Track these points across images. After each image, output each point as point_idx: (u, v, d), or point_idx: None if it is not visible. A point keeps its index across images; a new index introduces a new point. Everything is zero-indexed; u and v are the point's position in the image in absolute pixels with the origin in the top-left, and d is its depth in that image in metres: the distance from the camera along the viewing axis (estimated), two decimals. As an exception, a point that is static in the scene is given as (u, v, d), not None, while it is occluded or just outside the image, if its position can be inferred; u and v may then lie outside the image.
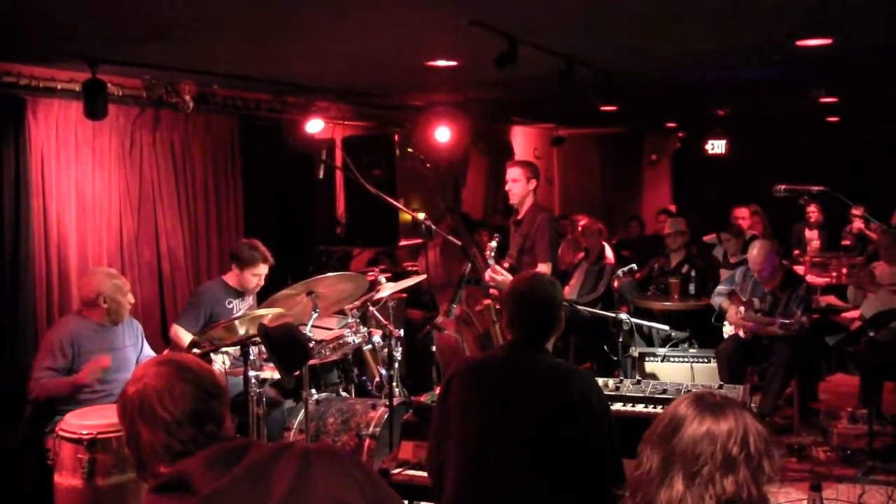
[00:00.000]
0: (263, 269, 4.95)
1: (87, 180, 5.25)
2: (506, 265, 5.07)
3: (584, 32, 4.37)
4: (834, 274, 7.51)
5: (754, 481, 1.63)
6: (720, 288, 6.17)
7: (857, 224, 8.14)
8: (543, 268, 4.97)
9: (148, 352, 4.65)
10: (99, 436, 3.72)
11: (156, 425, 1.75)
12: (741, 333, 5.79)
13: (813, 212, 8.62)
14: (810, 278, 7.23)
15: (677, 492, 1.63)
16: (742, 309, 5.82)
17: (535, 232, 5.12)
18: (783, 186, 4.45)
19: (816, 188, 4.20)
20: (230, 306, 4.94)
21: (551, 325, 2.75)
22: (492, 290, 4.98)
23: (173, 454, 1.74)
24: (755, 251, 5.80)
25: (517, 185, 5.23)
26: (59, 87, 4.92)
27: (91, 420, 3.82)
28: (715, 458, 1.62)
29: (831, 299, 7.10)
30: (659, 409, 3.34)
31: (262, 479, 1.65)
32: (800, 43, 4.73)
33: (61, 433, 3.81)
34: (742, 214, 8.18)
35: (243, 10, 3.64)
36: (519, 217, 5.30)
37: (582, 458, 2.54)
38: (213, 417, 1.79)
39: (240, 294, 5.01)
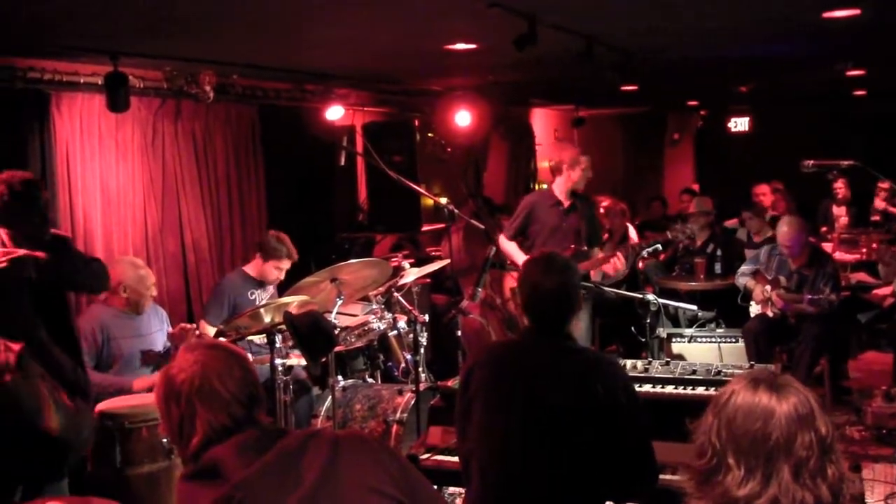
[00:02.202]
0: (286, 265, 4.96)
1: (112, 172, 5.29)
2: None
3: (604, 11, 4.31)
4: (864, 250, 7.39)
5: (839, 459, 1.60)
6: (744, 268, 6.09)
7: (879, 203, 8.01)
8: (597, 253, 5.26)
9: None
10: (129, 425, 3.76)
11: (217, 404, 1.76)
12: (769, 312, 5.72)
13: (840, 188, 8.49)
14: (839, 255, 7.12)
15: (786, 485, 1.54)
16: (769, 287, 5.75)
17: (593, 217, 5.47)
18: (811, 162, 4.39)
19: (846, 162, 4.14)
20: (252, 297, 4.96)
21: (569, 308, 2.66)
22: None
23: (225, 433, 1.75)
24: (785, 228, 5.72)
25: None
26: (81, 80, 4.95)
27: (121, 409, 3.85)
28: (813, 446, 1.55)
29: (862, 276, 6.99)
30: (689, 391, 3.31)
31: (293, 467, 1.65)
32: (826, 15, 4.63)
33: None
34: (762, 191, 8.08)
35: (261, -3, 3.63)
36: (570, 202, 5.37)
37: (609, 452, 2.49)
38: (261, 400, 1.83)
39: (261, 284, 5.02)
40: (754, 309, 5.98)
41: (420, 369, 4.57)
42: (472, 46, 5.15)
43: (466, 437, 2.64)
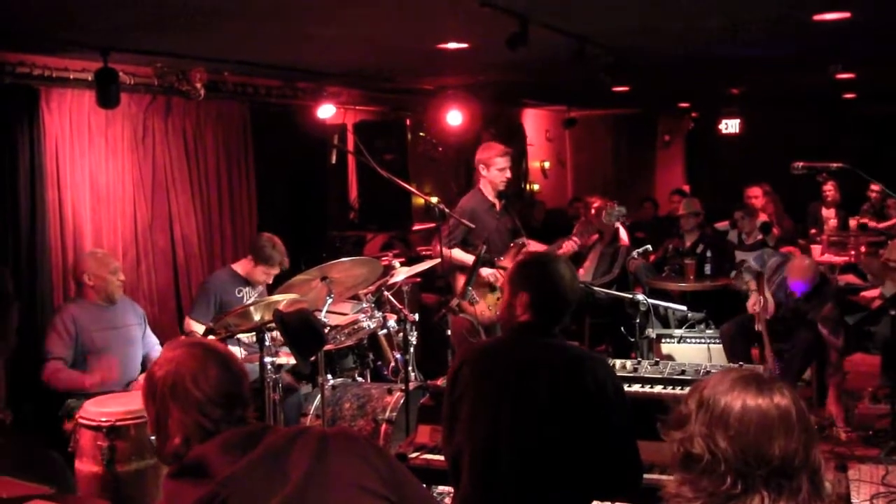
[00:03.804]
0: (276, 272, 4.97)
1: (101, 169, 5.27)
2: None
3: (595, 11, 4.32)
4: (852, 252, 7.44)
5: None
6: (752, 263, 6.03)
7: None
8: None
9: (151, 336, 4.69)
10: (117, 423, 3.75)
11: (189, 405, 1.75)
12: (756, 327, 5.68)
13: (829, 190, 8.54)
14: (828, 257, 7.16)
15: (805, 496, 1.48)
16: (762, 301, 5.69)
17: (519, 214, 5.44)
18: (801, 164, 4.40)
19: (835, 165, 4.16)
20: (240, 295, 4.95)
21: (566, 309, 2.68)
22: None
23: (203, 433, 1.74)
24: (797, 264, 5.62)
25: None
26: (71, 76, 4.93)
27: (110, 408, 3.85)
28: (819, 457, 1.51)
29: (850, 278, 7.02)
30: (678, 391, 3.32)
31: (279, 464, 1.65)
32: (816, 17, 4.66)
33: (81, 421, 3.84)
34: (755, 194, 8.10)
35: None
36: (502, 203, 5.40)
37: (597, 447, 2.50)
38: (241, 400, 1.81)
39: (249, 282, 5.01)
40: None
41: (409, 368, 4.57)
42: (464, 46, 5.16)
43: (454, 437, 2.64)
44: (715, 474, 1.51)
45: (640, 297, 4.26)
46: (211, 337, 3.82)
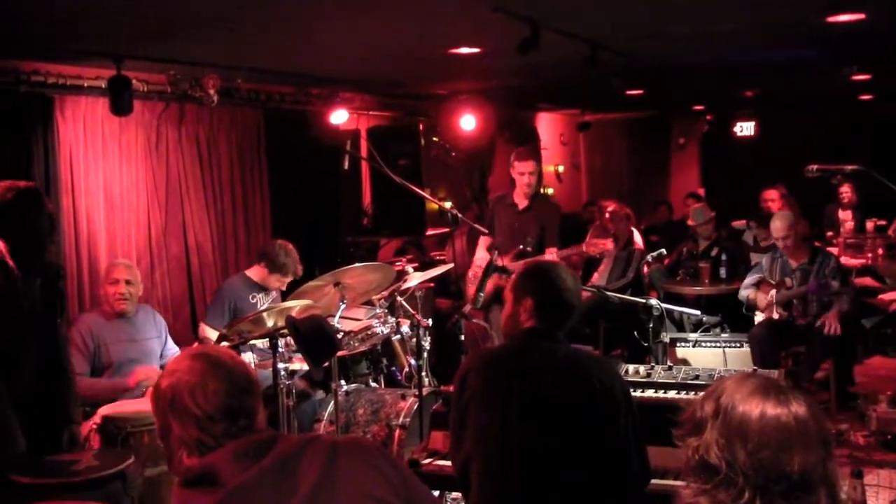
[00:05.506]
0: (290, 279, 4.99)
1: (115, 176, 5.30)
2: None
3: (607, 15, 4.30)
4: (869, 255, 7.35)
5: None
6: (747, 280, 6.05)
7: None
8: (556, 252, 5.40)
9: (172, 347, 4.70)
10: (131, 429, 3.76)
11: (188, 420, 1.72)
12: (774, 315, 5.67)
13: (846, 192, 8.45)
14: (844, 260, 7.08)
15: None
16: (773, 292, 5.71)
17: (549, 219, 5.53)
18: (815, 166, 4.36)
19: (850, 167, 4.12)
20: (253, 301, 4.96)
21: (571, 313, 2.69)
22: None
23: (205, 449, 1.72)
24: (778, 223, 5.77)
25: (535, 177, 5.55)
26: (85, 84, 4.96)
27: (124, 414, 3.86)
28: (836, 470, 1.48)
29: (867, 281, 6.95)
30: (692, 396, 3.29)
31: (290, 472, 1.64)
32: (830, 19, 4.62)
33: (95, 427, 3.85)
34: (771, 197, 8.03)
35: (266, 2, 3.63)
36: (527, 204, 5.51)
37: (606, 448, 2.49)
38: (246, 412, 1.76)
39: (263, 288, 5.03)
40: (760, 318, 5.94)
41: (423, 374, 4.56)
42: (476, 50, 5.15)
43: (462, 444, 2.63)
44: (733, 487, 1.46)
45: (654, 301, 4.22)
46: (224, 343, 3.83)
